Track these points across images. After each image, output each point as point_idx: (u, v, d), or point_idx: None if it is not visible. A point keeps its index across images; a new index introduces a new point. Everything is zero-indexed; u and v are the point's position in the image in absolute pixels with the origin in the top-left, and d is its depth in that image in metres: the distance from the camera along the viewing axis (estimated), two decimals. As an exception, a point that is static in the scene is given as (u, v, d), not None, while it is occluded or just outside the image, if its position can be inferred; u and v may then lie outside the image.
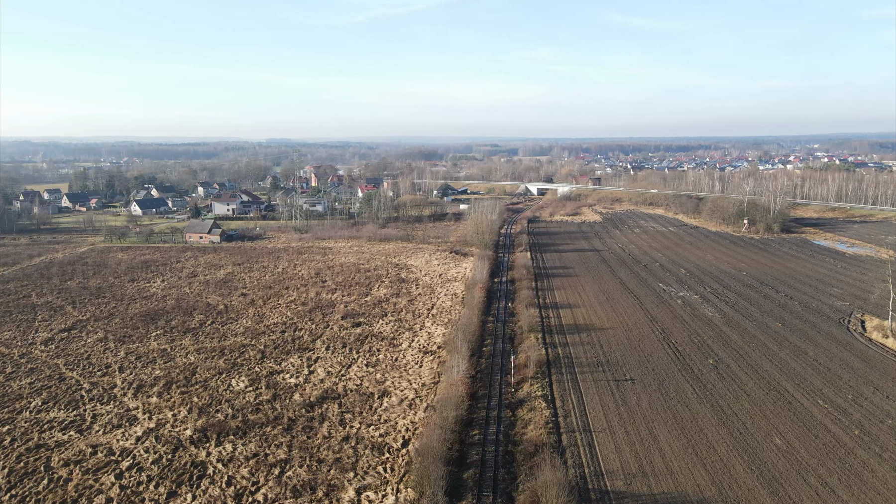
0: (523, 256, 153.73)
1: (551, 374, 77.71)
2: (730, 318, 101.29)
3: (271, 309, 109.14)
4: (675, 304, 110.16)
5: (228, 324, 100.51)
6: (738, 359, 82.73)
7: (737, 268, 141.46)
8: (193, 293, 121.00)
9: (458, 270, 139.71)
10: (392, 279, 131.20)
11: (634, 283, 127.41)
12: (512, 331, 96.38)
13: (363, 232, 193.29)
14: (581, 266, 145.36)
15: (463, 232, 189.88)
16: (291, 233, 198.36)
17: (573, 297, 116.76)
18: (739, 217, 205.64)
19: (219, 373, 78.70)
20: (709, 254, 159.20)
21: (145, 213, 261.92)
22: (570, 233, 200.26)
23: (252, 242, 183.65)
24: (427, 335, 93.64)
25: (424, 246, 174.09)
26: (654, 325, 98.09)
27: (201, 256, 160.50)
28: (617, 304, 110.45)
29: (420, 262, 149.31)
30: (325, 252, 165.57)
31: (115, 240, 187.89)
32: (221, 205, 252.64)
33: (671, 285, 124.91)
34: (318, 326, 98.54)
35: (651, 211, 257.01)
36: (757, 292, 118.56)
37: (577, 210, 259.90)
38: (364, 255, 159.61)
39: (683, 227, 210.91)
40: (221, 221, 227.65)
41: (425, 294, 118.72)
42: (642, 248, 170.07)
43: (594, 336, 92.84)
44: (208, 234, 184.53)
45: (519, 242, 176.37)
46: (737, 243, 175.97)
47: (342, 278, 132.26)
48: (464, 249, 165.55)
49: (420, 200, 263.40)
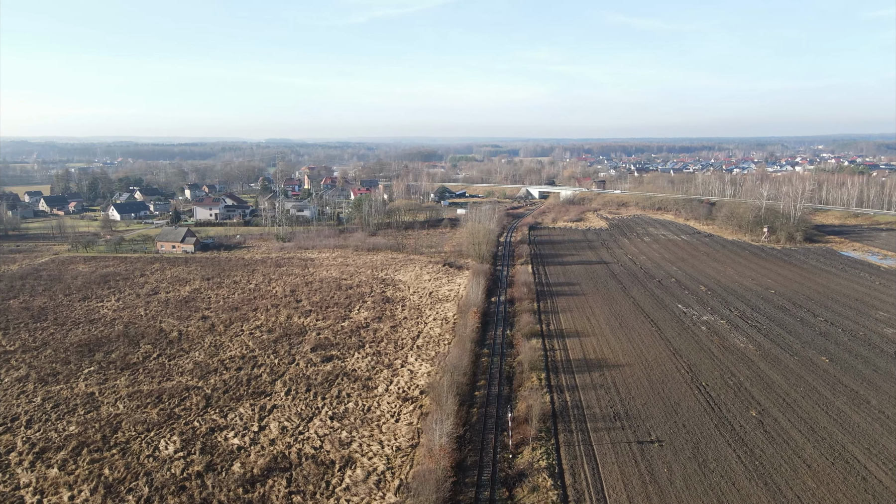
0: (524, 270, 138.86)
1: (558, 433, 62.78)
2: (766, 351, 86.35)
3: (232, 337, 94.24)
4: (700, 332, 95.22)
5: (178, 357, 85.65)
6: (786, 409, 67.78)
7: (763, 284, 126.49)
8: (148, 315, 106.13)
9: (450, 288, 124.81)
10: (376, 299, 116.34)
11: (650, 303, 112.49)
12: (510, 368, 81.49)
13: (351, 240, 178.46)
14: (588, 282, 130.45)
15: (459, 241, 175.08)
16: (273, 241, 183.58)
17: (581, 321, 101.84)
18: (758, 224, 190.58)
19: (147, 429, 63.79)
20: (729, 267, 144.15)
21: (124, 217, 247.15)
22: (575, 241, 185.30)
23: (229, 252, 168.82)
24: (409, 374, 78.72)
25: (416, 257, 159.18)
26: (677, 360, 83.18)
27: (169, 269, 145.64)
28: (632, 332, 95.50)
29: (409, 278, 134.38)
30: (306, 264, 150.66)
31: (82, 249, 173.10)
32: (203, 209, 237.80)
33: (692, 307, 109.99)
34: (283, 361, 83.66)
35: (660, 216, 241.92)
36: (791, 316, 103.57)
37: (581, 215, 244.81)
38: (348, 269, 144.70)
39: (696, 234, 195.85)
40: (202, 228, 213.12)
41: (412, 318, 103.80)
42: (654, 259, 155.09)
43: (608, 376, 77.90)
44: (181, 242, 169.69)
45: (519, 253, 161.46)
46: (757, 254, 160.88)
47: (319, 297, 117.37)
48: (459, 262, 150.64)
49: (414, 205, 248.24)
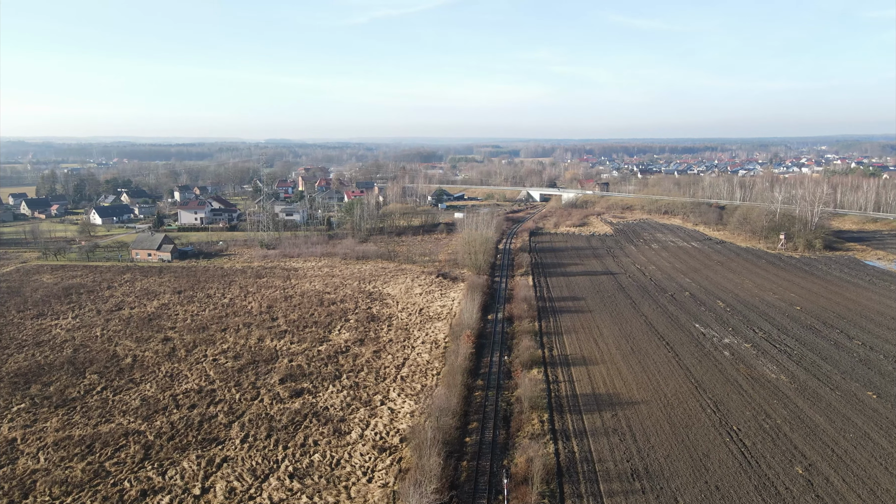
0: (524, 282, 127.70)
1: (564, 499, 51.61)
2: (802, 384, 75.14)
3: (192, 364, 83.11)
4: (723, 359, 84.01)
5: (125, 390, 74.54)
6: (838, 465, 56.55)
7: (786, 299, 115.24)
8: (104, 336, 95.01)
9: (443, 303, 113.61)
10: (360, 316, 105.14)
11: (664, 322, 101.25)
12: (508, 405, 70.32)
13: (339, 248, 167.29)
14: (595, 296, 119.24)
15: (455, 248, 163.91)
16: (257, 248, 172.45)
17: (588, 345, 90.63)
18: (773, 231, 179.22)
19: (66, 491, 52.69)
20: (746, 279, 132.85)
21: (105, 221, 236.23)
22: (579, 249, 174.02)
23: (208, 261, 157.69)
24: (389, 414, 67.54)
25: (408, 267, 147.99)
26: (701, 395, 71.98)
27: (141, 280, 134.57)
28: (646, 359, 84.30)
29: (399, 291, 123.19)
30: (288, 275, 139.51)
31: (52, 256, 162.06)
32: (188, 213, 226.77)
33: (710, 326, 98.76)
34: (245, 396, 72.52)
35: (667, 221, 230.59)
36: (824, 338, 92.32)
37: (584, 219, 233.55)
38: (334, 280, 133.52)
39: (707, 241, 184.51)
40: (184, 233, 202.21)
41: (398, 341, 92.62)
42: (664, 269, 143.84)
43: (622, 417, 66.69)
44: (157, 250, 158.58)
45: (519, 262, 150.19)
46: (775, 264, 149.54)
47: (298, 315, 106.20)
48: (453, 272, 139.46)
49: (409, 209, 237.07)
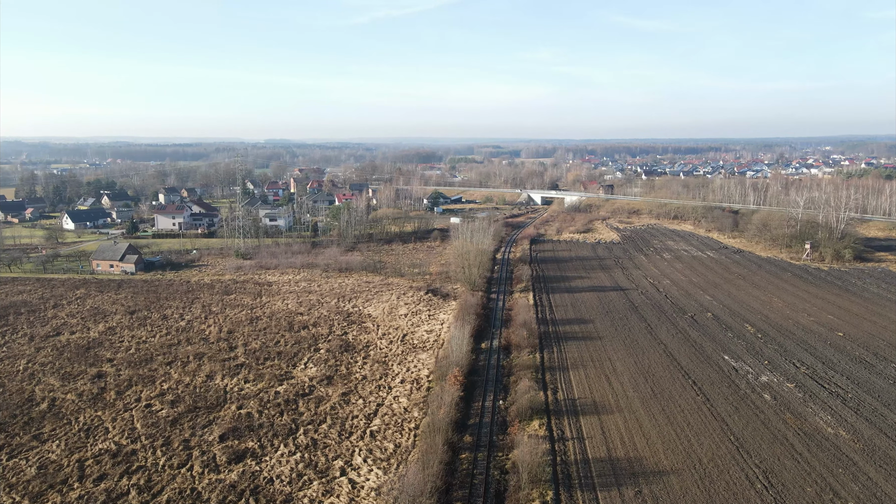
0: (524, 301, 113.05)
1: None
2: (868, 442, 60.45)
3: (119, 412, 68.48)
4: (764, 405, 69.33)
5: (25, 451, 59.92)
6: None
7: (824, 323, 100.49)
8: (27, 372, 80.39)
9: (430, 327, 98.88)
10: (333, 345, 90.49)
11: (687, 353, 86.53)
12: (501, 474, 55.68)
13: (322, 258, 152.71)
14: (604, 318, 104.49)
15: (448, 257, 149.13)
16: (233, 258, 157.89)
17: (599, 385, 75.90)
18: (795, 239, 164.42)
19: None
20: (774, 296, 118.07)
21: (79, 226, 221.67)
22: (584, 259, 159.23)
23: (176, 273, 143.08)
24: (349, 492, 52.83)
25: (395, 281, 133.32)
26: (745, 460, 57.28)
27: (94, 296, 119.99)
28: (671, 404, 69.60)
29: (381, 311, 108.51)
30: (260, 290, 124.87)
31: (4, 268, 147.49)
32: (166, 218, 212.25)
33: (742, 359, 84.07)
34: (172, 461, 57.87)
35: (677, 226, 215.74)
36: (880, 376, 77.57)
37: (588, 225, 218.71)
38: (310, 298, 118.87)
39: (724, 250, 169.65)
40: (159, 240, 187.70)
41: (373, 378, 77.95)
42: (680, 284, 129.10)
43: (648, 496, 51.95)
44: (120, 261, 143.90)
45: (519, 276, 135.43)
46: (803, 278, 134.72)
47: (261, 343, 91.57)
48: (445, 288, 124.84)
49: (401, 214, 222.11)
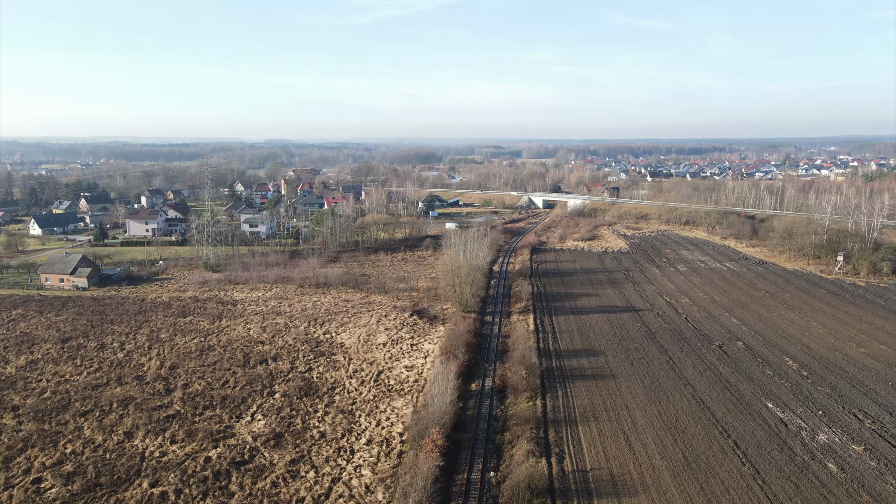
0: (523, 325, 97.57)
1: None
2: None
3: (-1, 491, 53.17)
4: (830, 480, 53.82)
5: None
6: None
7: (879, 356, 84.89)
8: None
9: (412, 361, 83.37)
10: (292, 386, 75.02)
11: (721, 399, 70.96)
12: None
13: (299, 270, 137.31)
14: (617, 348, 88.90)
15: (440, 270, 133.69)
16: (201, 270, 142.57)
17: (617, 448, 60.31)
18: (823, 249, 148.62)
19: None
20: (813, 320, 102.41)
21: (46, 232, 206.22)
22: (590, 272, 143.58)
23: (134, 288, 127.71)
24: None
25: (377, 299, 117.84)
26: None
27: (31, 318, 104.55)
28: (711, 480, 54.01)
29: (357, 339, 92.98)
30: (223, 311, 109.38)
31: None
32: (138, 224, 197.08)
33: (790, 408, 68.54)
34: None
35: (690, 233, 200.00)
36: (967, 435, 62.06)
37: (594, 231, 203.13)
38: (277, 321, 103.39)
39: (744, 261, 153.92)
40: (127, 249, 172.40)
41: (333, 438, 62.35)
42: (702, 303, 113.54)
43: None
44: (72, 275, 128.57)
45: (518, 293, 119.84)
46: (840, 296, 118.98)
47: (207, 382, 76.11)
48: (433, 308, 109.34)
49: (391, 220, 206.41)
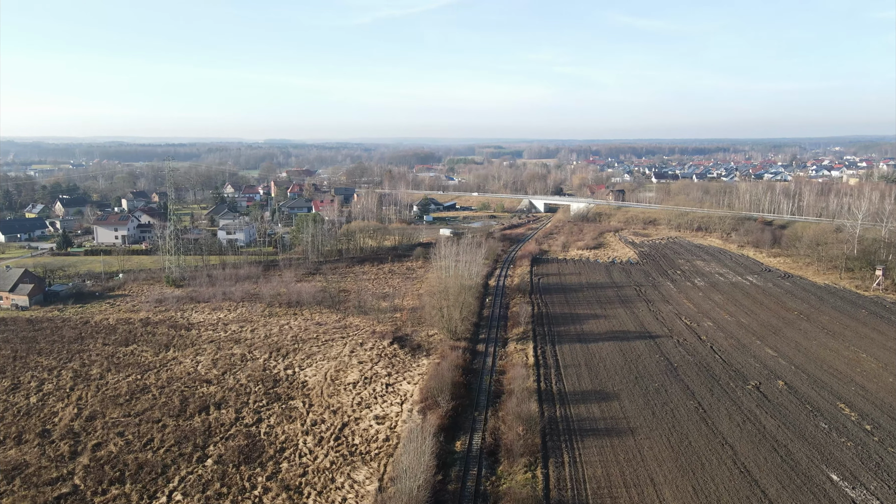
0: (521, 357, 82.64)
1: None
2: None
3: None
4: None
5: None
6: None
7: (952, 402, 69.85)
8: None
9: (385, 409, 68.32)
10: (234, 445, 60.02)
11: (771, 468, 55.94)
12: None
13: (270, 286, 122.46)
14: (633, 389, 73.86)
15: (426, 290, 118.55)
16: (162, 285, 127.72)
17: (644, 548, 45.34)
18: (856, 261, 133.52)
19: None
20: (861, 350, 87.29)
21: (10, 238, 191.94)
22: (597, 287, 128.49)
23: (81, 307, 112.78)
24: None
25: (354, 322, 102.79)
26: None
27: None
28: None
29: (323, 376, 77.96)
30: (173, 338, 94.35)
31: None
32: (107, 230, 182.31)
33: (860, 480, 53.54)
34: None
35: (703, 241, 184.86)
36: None
37: (599, 238, 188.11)
38: (234, 352, 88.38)
39: (767, 273, 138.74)
40: (90, 258, 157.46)
41: (268, 531, 47.49)
42: (727, 327, 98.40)
43: None
44: (11, 292, 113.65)
45: (516, 315, 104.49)
46: (885, 318, 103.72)
47: (124, 442, 61.10)
48: (418, 334, 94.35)
49: (381, 225, 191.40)
